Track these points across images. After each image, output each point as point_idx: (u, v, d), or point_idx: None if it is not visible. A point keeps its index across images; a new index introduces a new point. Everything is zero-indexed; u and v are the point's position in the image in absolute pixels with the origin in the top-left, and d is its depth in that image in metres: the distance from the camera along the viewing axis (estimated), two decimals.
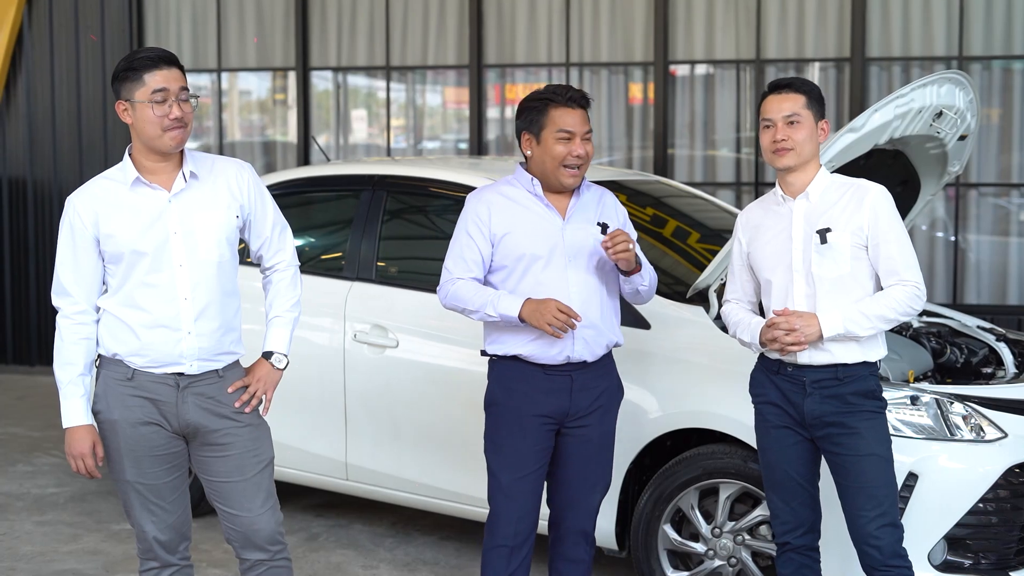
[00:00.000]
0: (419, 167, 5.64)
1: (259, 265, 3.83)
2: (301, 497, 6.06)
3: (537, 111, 3.98)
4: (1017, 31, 7.83)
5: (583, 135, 3.96)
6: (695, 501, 4.52)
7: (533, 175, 4.02)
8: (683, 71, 8.45)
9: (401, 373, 5.12)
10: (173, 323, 3.55)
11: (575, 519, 4.12)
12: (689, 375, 4.54)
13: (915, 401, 4.22)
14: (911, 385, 4.36)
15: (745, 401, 4.07)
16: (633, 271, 3.94)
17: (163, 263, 3.54)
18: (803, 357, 3.82)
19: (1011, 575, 4.22)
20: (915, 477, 4.12)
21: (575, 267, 3.97)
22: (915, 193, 5.28)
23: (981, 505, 4.14)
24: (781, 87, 3.88)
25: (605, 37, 8.50)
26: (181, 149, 3.60)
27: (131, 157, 3.59)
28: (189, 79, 3.62)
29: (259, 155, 9.42)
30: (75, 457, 3.58)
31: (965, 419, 4.22)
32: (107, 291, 3.61)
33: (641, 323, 4.62)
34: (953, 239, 8.03)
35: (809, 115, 3.85)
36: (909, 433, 4.17)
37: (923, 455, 4.14)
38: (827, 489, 3.96)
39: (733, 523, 4.48)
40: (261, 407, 3.71)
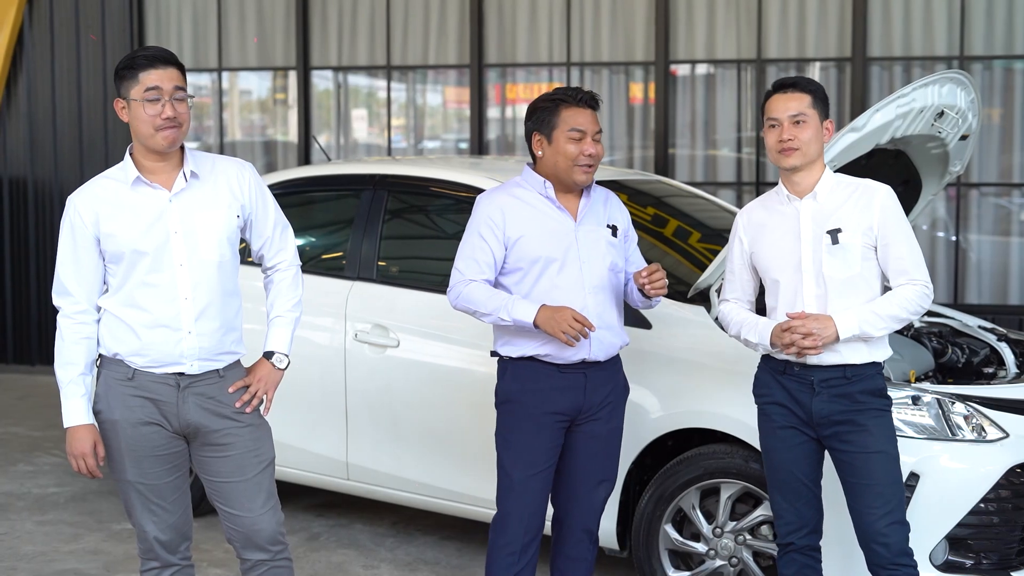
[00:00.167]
0: (420, 167, 5.63)
1: (260, 265, 3.83)
2: (302, 497, 6.06)
3: (549, 111, 3.99)
4: (1018, 31, 7.82)
5: (594, 135, 3.97)
6: (696, 501, 4.52)
7: (543, 176, 4.03)
8: (684, 71, 8.45)
9: (402, 373, 5.11)
10: (174, 323, 3.54)
11: (579, 516, 4.12)
12: (690, 375, 4.53)
13: (916, 401, 4.22)
14: (912, 385, 4.35)
15: (747, 401, 4.07)
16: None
17: (164, 263, 3.53)
18: (812, 358, 3.82)
19: (1013, 575, 4.22)
20: (917, 477, 4.12)
21: (589, 269, 3.99)
22: (916, 193, 5.28)
23: (983, 505, 4.14)
24: (786, 86, 3.87)
25: (606, 37, 8.49)
26: (180, 148, 3.60)
27: (132, 157, 3.58)
28: (190, 79, 3.61)
29: (260, 155, 9.41)
30: (76, 457, 3.57)
31: (966, 419, 4.22)
32: (108, 291, 3.61)
33: (642, 323, 4.62)
34: (954, 239, 8.02)
35: (814, 114, 3.83)
36: (911, 433, 4.17)
37: (925, 455, 4.14)
38: (829, 489, 3.96)
39: (734, 523, 4.47)
40: (262, 407, 3.71)
